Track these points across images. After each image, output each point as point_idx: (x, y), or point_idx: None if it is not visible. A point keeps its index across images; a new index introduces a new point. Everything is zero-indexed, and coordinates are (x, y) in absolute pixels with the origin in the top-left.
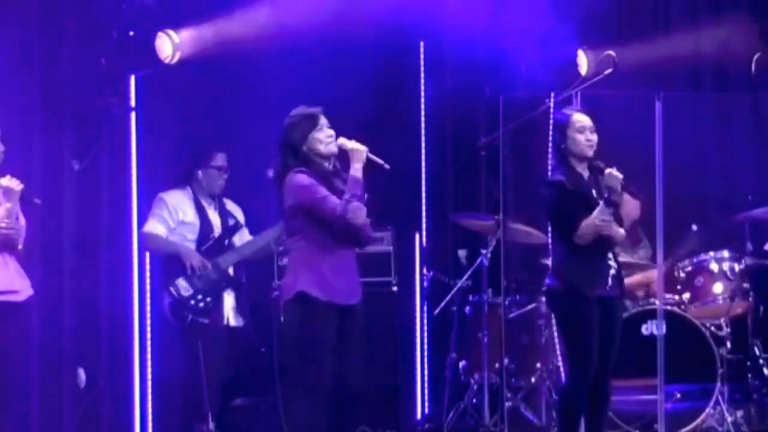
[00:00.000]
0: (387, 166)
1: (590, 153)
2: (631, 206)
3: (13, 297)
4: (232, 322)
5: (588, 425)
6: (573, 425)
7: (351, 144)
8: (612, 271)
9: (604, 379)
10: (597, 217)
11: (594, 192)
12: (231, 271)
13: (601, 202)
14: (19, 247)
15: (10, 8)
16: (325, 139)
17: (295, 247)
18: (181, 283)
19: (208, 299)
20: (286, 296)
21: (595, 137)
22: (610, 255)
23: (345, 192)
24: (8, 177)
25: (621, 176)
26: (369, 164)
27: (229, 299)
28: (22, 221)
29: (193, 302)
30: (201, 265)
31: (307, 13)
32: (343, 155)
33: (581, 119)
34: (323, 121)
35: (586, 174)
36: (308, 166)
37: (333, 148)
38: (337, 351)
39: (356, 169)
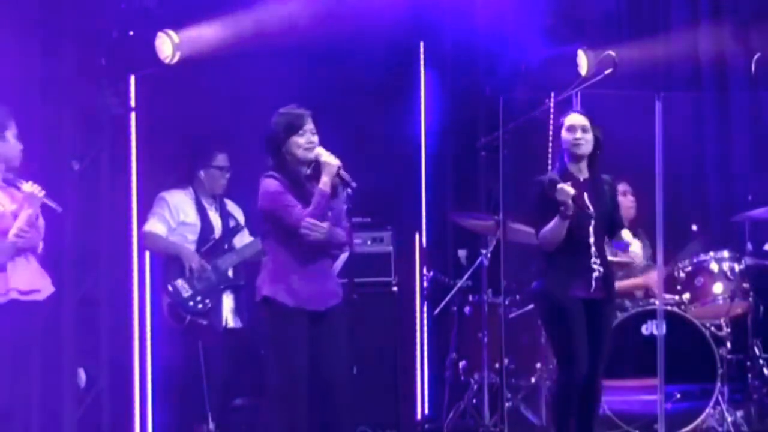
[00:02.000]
0: (354, 185)
1: (578, 152)
2: (625, 206)
3: (36, 296)
4: (231, 324)
5: (578, 426)
6: (566, 425)
7: (325, 156)
8: (596, 274)
9: (595, 380)
10: (550, 229)
11: (586, 195)
12: (231, 273)
13: (557, 216)
14: (39, 249)
15: (10, 8)
16: (304, 144)
17: (266, 250)
18: (180, 284)
19: (207, 301)
20: (256, 298)
21: (586, 136)
22: (595, 258)
23: (311, 204)
24: (30, 183)
25: (572, 191)
26: (338, 179)
27: (228, 301)
28: (41, 223)
29: (191, 303)
30: (200, 268)
31: (307, 13)
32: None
33: (572, 119)
34: (308, 125)
35: (582, 176)
36: (284, 168)
37: (311, 155)
38: (314, 355)
39: (325, 183)
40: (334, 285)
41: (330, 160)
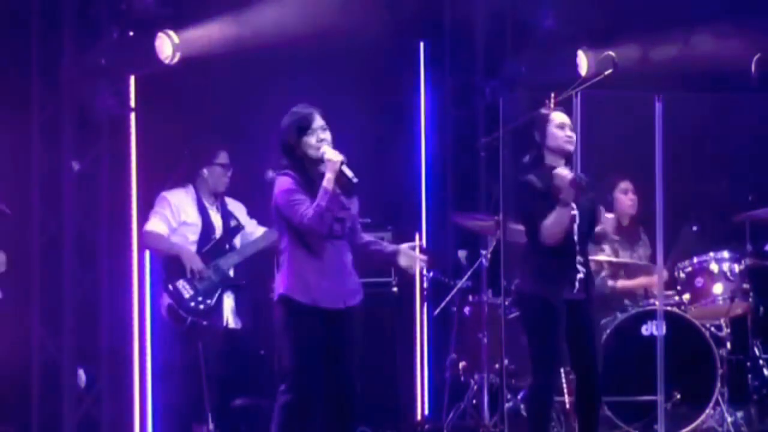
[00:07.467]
0: (356, 180)
1: (569, 148)
2: (626, 204)
3: None
4: (231, 324)
5: (581, 427)
6: (543, 426)
7: (328, 153)
8: (580, 275)
9: (594, 381)
10: (553, 218)
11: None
12: (231, 273)
13: (558, 205)
14: None
15: (11, 8)
16: (316, 143)
17: (282, 249)
18: (182, 284)
19: (208, 301)
20: (274, 297)
21: (573, 134)
22: (579, 259)
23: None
24: None
25: (569, 174)
26: (341, 174)
27: (228, 301)
28: None
29: (193, 304)
30: (201, 270)
31: (306, 13)
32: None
33: (561, 117)
34: (318, 123)
35: None
36: (299, 168)
37: (321, 153)
38: (329, 355)
39: (328, 180)
40: (354, 283)
41: (333, 156)
